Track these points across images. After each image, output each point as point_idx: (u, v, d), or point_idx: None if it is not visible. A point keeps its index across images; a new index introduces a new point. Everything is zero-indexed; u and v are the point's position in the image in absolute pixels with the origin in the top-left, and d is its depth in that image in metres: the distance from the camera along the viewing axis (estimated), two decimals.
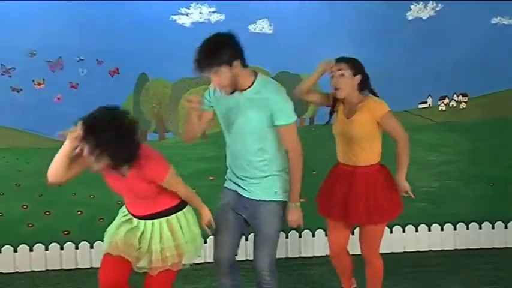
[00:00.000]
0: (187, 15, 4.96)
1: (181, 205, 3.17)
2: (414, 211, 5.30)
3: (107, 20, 4.84)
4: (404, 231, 5.30)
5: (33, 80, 4.91)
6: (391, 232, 5.25)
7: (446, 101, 5.34)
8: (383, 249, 5.16)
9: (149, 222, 3.10)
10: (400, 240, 5.28)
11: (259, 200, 3.32)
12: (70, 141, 2.76)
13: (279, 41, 5.03)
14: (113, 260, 3.08)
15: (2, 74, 4.85)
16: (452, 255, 5.21)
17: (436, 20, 5.21)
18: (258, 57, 4.99)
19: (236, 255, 3.50)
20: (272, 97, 3.17)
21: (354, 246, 3.92)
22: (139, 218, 3.13)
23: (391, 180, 3.65)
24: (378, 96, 3.66)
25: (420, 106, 5.32)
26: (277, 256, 5.07)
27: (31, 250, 4.91)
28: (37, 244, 4.91)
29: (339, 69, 3.57)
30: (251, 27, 5.03)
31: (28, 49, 4.83)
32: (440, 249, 5.32)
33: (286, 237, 5.16)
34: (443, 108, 5.35)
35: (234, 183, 3.42)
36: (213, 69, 3.08)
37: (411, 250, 5.30)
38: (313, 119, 5.26)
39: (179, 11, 4.96)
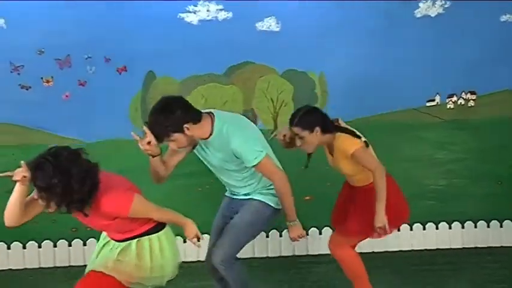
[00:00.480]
0: (194, 13, 4.97)
1: (158, 227, 2.93)
2: (422, 209, 5.29)
3: (114, 18, 4.86)
4: (411, 230, 5.28)
5: (42, 78, 4.94)
6: (399, 230, 5.23)
7: (455, 99, 5.32)
8: (391, 247, 5.19)
9: (124, 243, 2.91)
10: (407, 238, 5.27)
11: (245, 199, 3.41)
12: (18, 184, 2.58)
13: (286, 39, 5.03)
14: None
15: (11, 72, 4.88)
16: (460, 254, 5.18)
17: (444, 17, 5.18)
18: (266, 55, 5.06)
19: None
20: (231, 145, 3.19)
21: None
22: (117, 241, 2.96)
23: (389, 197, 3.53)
24: (345, 128, 3.61)
25: (428, 104, 5.29)
26: (285, 254, 5.11)
27: (39, 247, 4.95)
28: (45, 241, 4.95)
29: (296, 135, 3.51)
30: (258, 25, 5.03)
31: (37, 47, 4.85)
32: (448, 247, 5.30)
33: None
34: (451, 106, 5.33)
35: (229, 192, 3.56)
36: (165, 142, 3.16)
37: (419, 248, 5.28)
38: None
39: (187, 9, 4.96)
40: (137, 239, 2.88)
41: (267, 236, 5.09)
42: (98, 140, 4.94)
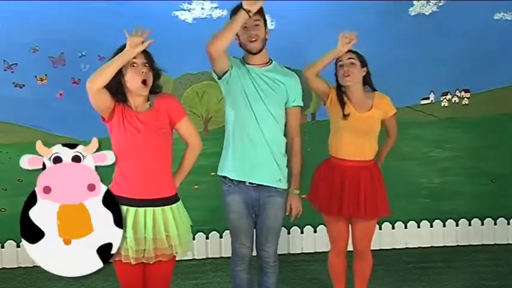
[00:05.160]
0: (189, 11, 4.96)
1: (177, 196, 3.04)
2: (416, 207, 5.30)
3: (109, 16, 4.84)
4: (406, 227, 5.29)
5: (36, 76, 4.92)
6: (393, 228, 5.26)
7: (449, 97, 5.34)
8: (385, 245, 5.21)
9: (149, 209, 2.91)
10: (402, 236, 5.28)
11: (271, 194, 3.40)
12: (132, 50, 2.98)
13: (280, 37, 4.99)
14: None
15: (4, 70, 4.86)
16: (454, 252, 5.20)
17: (438, 15, 5.20)
18: None
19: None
20: (291, 78, 3.38)
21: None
22: (141, 203, 2.91)
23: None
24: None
25: (423, 102, 5.31)
26: (279, 252, 5.10)
27: None
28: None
29: (350, 58, 3.60)
30: None
31: (30, 45, 4.83)
32: (442, 245, 5.32)
33: (288, 233, 5.16)
34: (446, 104, 5.34)
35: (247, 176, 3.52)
36: (259, 16, 3.26)
37: (413, 246, 5.29)
38: (315, 114, 5.25)
39: (181, 6, 4.96)
40: (169, 207, 2.95)
41: None
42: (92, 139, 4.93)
